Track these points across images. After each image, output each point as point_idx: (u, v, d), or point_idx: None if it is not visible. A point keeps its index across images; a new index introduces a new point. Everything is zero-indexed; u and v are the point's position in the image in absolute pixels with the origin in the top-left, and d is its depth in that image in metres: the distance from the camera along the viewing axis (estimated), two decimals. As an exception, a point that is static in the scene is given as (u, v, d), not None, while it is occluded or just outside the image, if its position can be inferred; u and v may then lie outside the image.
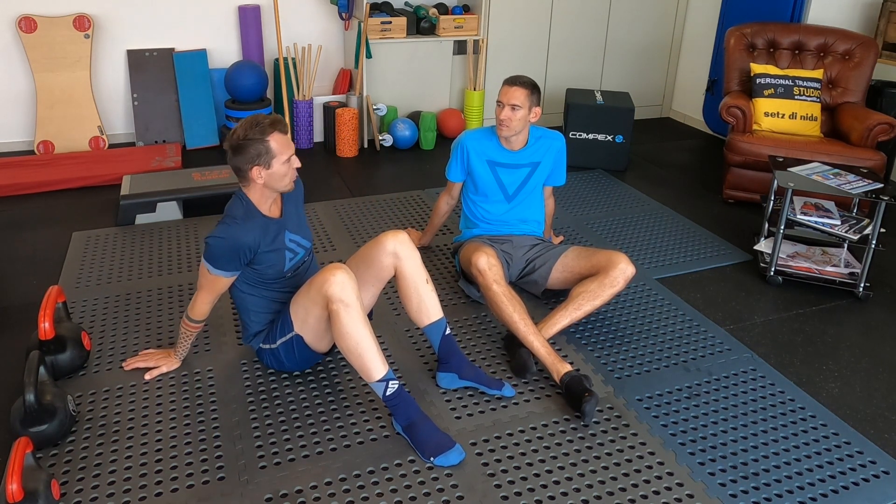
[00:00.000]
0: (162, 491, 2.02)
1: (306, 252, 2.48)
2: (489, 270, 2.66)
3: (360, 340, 2.13)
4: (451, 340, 2.46)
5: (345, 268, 2.19)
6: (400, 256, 2.40)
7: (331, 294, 2.13)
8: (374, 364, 2.14)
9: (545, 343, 2.55)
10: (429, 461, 2.13)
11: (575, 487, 2.09)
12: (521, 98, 2.84)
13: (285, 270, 2.38)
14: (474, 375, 2.44)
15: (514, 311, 2.59)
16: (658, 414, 2.41)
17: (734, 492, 2.09)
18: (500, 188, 3.05)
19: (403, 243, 2.41)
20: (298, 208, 2.49)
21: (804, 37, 4.35)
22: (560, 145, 3.09)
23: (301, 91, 4.80)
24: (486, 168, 3.03)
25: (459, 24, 4.93)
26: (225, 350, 2.65)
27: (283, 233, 2.37)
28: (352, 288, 2.15)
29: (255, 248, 2.26)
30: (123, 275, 3.17)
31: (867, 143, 3.89)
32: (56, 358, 2.41)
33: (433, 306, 2.43)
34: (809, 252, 3.44)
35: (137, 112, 4.70)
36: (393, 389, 2.16)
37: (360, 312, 2.14)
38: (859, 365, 2.75)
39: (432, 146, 5.00)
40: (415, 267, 2.42)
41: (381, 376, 2.15)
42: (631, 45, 5.65)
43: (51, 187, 4.05)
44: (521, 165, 3.04)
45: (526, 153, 3.03)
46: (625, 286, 2.74)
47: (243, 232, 2.24)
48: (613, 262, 2.74)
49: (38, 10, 4.39)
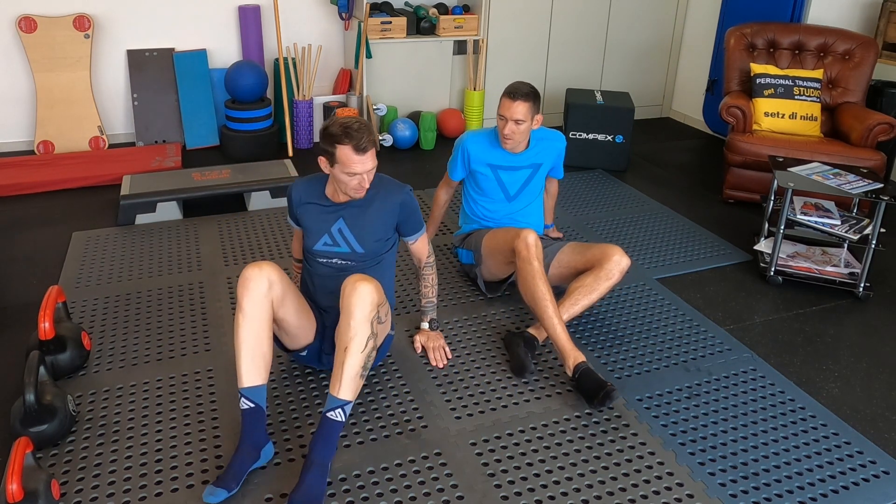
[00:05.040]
0: (162, 491, 2.02)
1: (349, 255, 2.39)
2: (535, 247, 2.65)
3: (237, 345, 2.08)
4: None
5: (257, 268, 2.10)
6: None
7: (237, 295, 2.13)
8: (239, 371, 2.08)
9: (566, 330, 2.56)
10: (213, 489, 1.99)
11: (575, 487, 2.09)
12: (523, 112, 2.82)
13: (315, 248, 2.40)
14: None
15: (546, 292, 2.58)
16: (658, 414, 2.41)
17: (734, 492, 2.09)
18: (502, 189, 3.05)
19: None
20: (378, 218, 2.39)
21: (804, 37, 4.35)
22: (561, 147, 3.11)
23: (301, 91, 4.80)
24: (488, 170, 3.02)
25: (459, 24, 4.93)
26: (225, 350, 2.65)
27: (337, 219, 2.38)
28: (248, 289, 2.08)
29: (296, 204, 2.43)
30: (123, 275, 3.17)
31: (867, 143, 3.89)
32: (56, 358, 2.41)
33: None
34: (809, 252, 3.44)
35: (137, 112, 4.70)
36: (244, 406, 2.07)
37: (249, 317, 2.06)
38: (859, 365, 2.75)
39: (432, 146, 5.00)
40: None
41: (240, 386, 2.07)
42: (631, 45, 5.65)
43: (51, 187, 4.05)
44: (523, 167, 3.04)
45: (527, 155, 3.03)
46: (620, 278, 2.75)
47: (295, 187, 2.45)
48: (608, 255, 2.75)
49: (38, 10, 4.39)
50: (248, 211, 3.85)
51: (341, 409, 2.02)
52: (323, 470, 1.98)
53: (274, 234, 3.59)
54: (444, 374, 2.57)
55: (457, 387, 2.50)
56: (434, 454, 2.19)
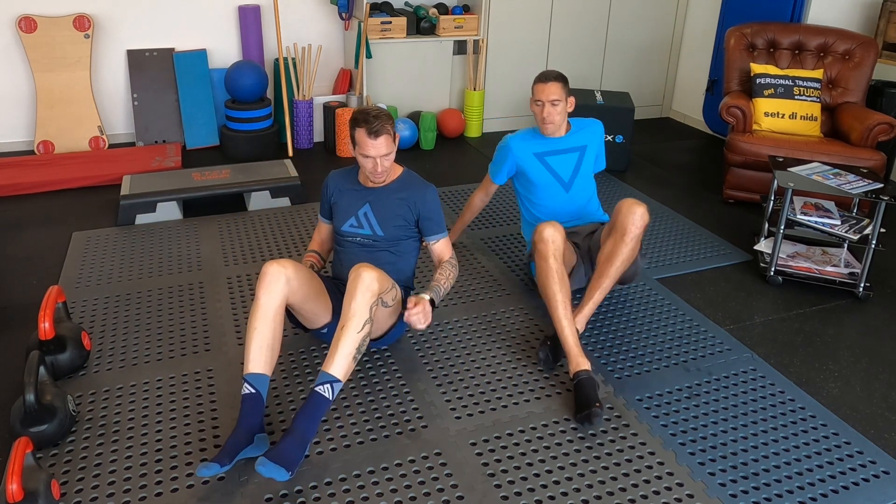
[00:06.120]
0: (162, 491, 2.02)
1: (370, 236, 2.58)
2: (551, 243, 2.62)
3: (248, 333, 2.19)
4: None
5: (277, 264, 2.23)
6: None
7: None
8: (246, 358, 2.17)
9: (575, 334, 2.54)
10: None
11: (575, 487, 2.09)
12: (558, 92, 2.92)
13: (342, 228, 2.61)
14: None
15: (558, 291, 2.57)
16: (658, 414, 2.41)
17: (734, 492, 2.09)
18: (556, 178, 3.06)
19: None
20: (399, 208, 2.56)
21: (804, 37, 4.35)
22: (601, 130, 3.17)
23: (301, 91, 4.80)
24: (536, 161, 3.05)
25: (459, 24, 4.93)
26: (225, 350, 2.65)
27: (364, 204, 2.58)
28: (266, 283, 2.20)
29: (332, 191, 2.66)
30: (123, 275, 3.17)
31: (867, 143, 3.89)
32: (56, 358, 2.41)
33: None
34: (809, 252, 3.44)
35: (137, 112, 4.70)
36: (245, 391, 2.14)
37: (264, 310, 2.18)
38: (859, 365, 2.75)
39: (432, 146, 5.00)
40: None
41: (245, 372, 2.16)
42: (631, 45, 5.65)
43: (51, 187, 4.05)
44: (569, 150, 3.07)
45: (570, 138, 3.08)
46: (643, 226, 2.68)
47: (331, 177, 2.69)
48: (619, 211, 2.71)
49: (38, 10, 4.39)
50: (248, 211, 3.85)
51: (330, 385, 2.10)
52: (303, 442, 2.04)
53: (274, 234, 3.59)
54: (444, 374, 2.57)
55: (457, 387, 2.50)
56: (434, 454, 2.19)
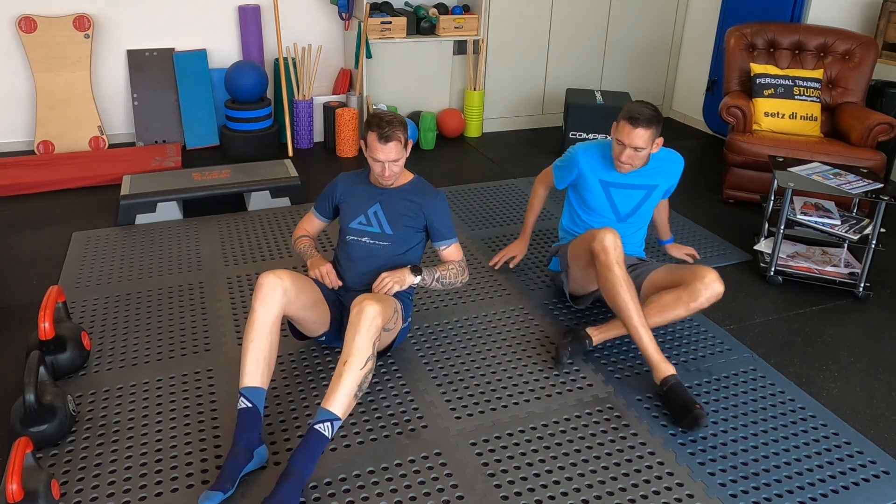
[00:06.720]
0: (162, 491, 2.02)
1: (378, 235, 2.54)
2: (614, 250, 2.49)
3: (244, 346, 2.16)
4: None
5: (273, 276, 2.19)
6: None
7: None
8: (242, 371, 2.14)
9: (653, 340, 2.46)
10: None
11: (575, 487, 2.09)
12: (645, 140, 2.61)
13: (350, 225, 2.58)
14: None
15: (630, 300, 2.46)
16: (658, 414, 2.41)
17: (734, 492, 2.09)
18: (613, 209, 2.86)
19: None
20: (409, 210, 2.54)
21: (804, 37, 4.35)
22: (680, 170, 2.90)
23: (301, 91, 4.80)
24: (599, 188, 2.84)
25: (459, 24, 4.93)
26: (225, 350, 2.65)
27: (375, 203, 2.57)
28: (262, 295, 2.17)
29: (341, 192, 2.63)
30: (123, 275, 3.17)
31: (867, 143, 3.89)
32: (56, 358, 2.41)
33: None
34: (809, 252, 3.44)
35: (137, 112, 4.70)
36: (241, 405, 2.11)
37: (260, 323, 2.15)
38: (859, 365, 2.75)
39: (432, 146, 5.00)
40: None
41: (241, 386, 2.13)
42: (631, 45, 5.65)
43: (51, 187, 4.05)
44: (638, 187, 2.83)
45: (643, 174, 2.82)
46: (707, 304, 2.53)
47: (342, 178, 2.66)
48: (699, 275, 2.53)
49: (38, 10, 4.39)
50: (248, 211, 3.85)
51: (330, 423, 2.02)
52: (299, 483, 1.95)
53: (274, 234, 3.59)
54: (444, 374, 2.57)
55: (457, 387, 2.50)
56: (434, 454, 2.19)
